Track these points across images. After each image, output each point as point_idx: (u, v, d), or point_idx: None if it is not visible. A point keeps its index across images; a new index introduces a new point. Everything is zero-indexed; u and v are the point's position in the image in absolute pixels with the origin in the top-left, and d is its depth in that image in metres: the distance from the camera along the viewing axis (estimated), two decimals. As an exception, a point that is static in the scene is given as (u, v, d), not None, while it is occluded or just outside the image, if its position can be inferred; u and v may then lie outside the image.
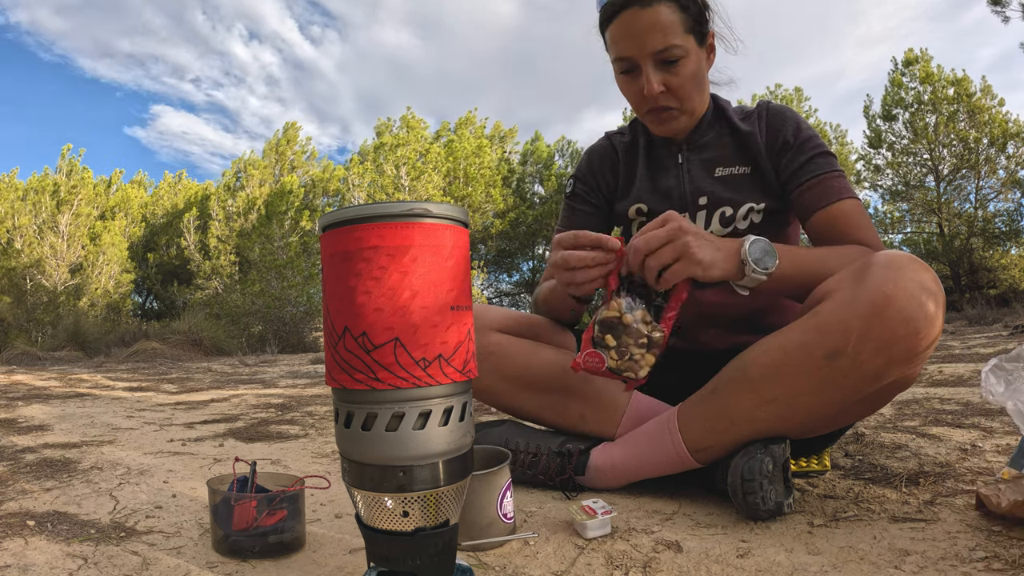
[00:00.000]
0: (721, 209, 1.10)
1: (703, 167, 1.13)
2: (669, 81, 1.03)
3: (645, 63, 1.02)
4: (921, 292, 0.78)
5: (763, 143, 1.10)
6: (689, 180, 1.13)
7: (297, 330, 10.38)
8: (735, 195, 1.10)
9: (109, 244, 13.44)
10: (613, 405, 1.06)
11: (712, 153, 1.13)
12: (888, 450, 1.24)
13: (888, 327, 0.78)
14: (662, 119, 1.09)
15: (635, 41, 1.01)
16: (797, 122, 1.10)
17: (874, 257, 0.83)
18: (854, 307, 0.80)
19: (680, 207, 1.13)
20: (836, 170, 1.06)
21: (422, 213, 0.56)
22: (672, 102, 1.06)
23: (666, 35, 0.99)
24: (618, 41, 1.04)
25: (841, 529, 0.82)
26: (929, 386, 2.17)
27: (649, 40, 1.00)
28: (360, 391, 0.56)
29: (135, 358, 7.12)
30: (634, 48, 1.02)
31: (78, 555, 0.82)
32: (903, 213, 13.22)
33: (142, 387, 3.50)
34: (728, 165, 1.12)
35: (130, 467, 1.34)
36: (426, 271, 0.56)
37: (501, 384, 1.10)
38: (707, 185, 1.12)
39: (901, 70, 12.77)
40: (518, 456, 1.08)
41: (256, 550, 0.80)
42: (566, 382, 1.07)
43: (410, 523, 0.58)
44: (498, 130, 16.51)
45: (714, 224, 1.11)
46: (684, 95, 1.05)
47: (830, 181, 1.04)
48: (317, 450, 1.53)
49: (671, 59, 1.01)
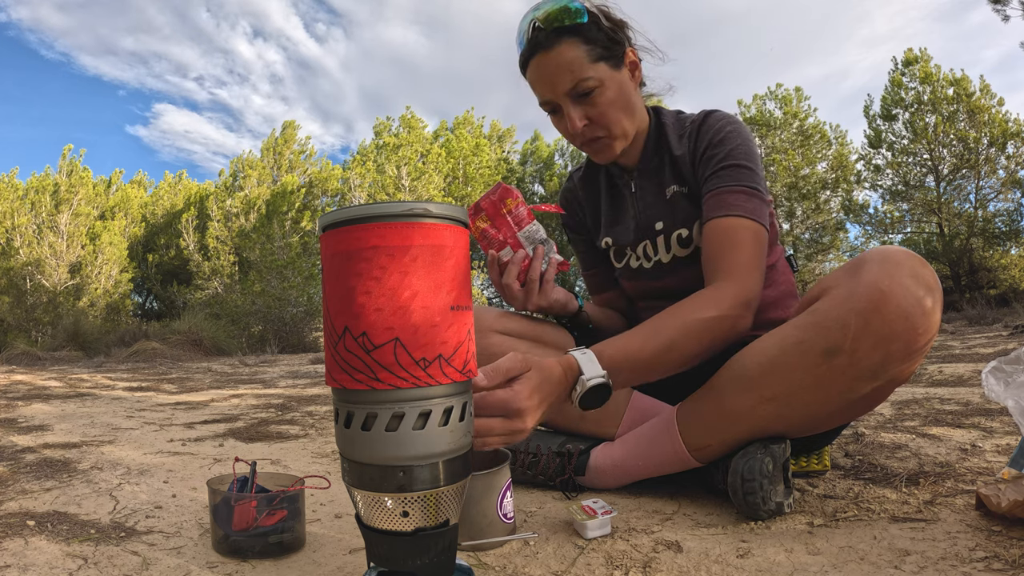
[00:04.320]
0: (677, 232, 1.09)
1: (655, 191, 1.12)
2: (590, 113, 1.03)
3: (563, 102, 1.03)
4: (919, 287, 0.78)
5: (690, 160, 1.08)
6: (643, 208, 1.13)
7: (297, 330, 10.38)
8: (689, 215, 1.08)
9: (108, 244, 13.44)
10: (613, 405, 1.06)
11: (661, 176, 1.12)
12: (888, 450, 1.24)
13: (886, 323, 0.78)
14: (596, 149, 1.09)
15: (547, 84, 1.03)
16: (721, 129, 1.05)
17: (870, 253, 0.83)
18: (851, 303, 0.80)
19: (640, 236, 1.14)
20: (741, 184, 0.99)
21: (422, 213, 0.56)
22: (599, 131, 1.06)
23: (573, 72, 1.00)
24: (535, 87, 1.06)
25: (841, 529, 0.82)
26: (929, 386, 2.17)
27: (558, 81, 1.01)
28: (360, 391, 0.56)
29: (135, 358, 7.12)
30: (548, 91, 1.03)
31: (78, 555, 0.82)
32: (903, 213, 13.21)
33: (142, 387, 3.50)
34: (675, 184, 1.10)
35: (130, 467, 1.34)
36: (426, 271, 0.56)
37: None
38: (660, 210, 1.11)
39: (901, 70, 12.77)
40: (518, 456, 1.09)
41: (256, 550, 0.80)
42: None
43: (410, 523, 0.58)
44: (496, 129, 16.52)
45: (674, 247, 1.10)
46: (609, 122, 1.04)
47: (725, 195, 0.99)
48: (317, 450, 1.53)
49: (585, 91, 1.01)
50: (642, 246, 1.14)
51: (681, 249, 1.10)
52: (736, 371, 0.92)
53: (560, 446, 1.07)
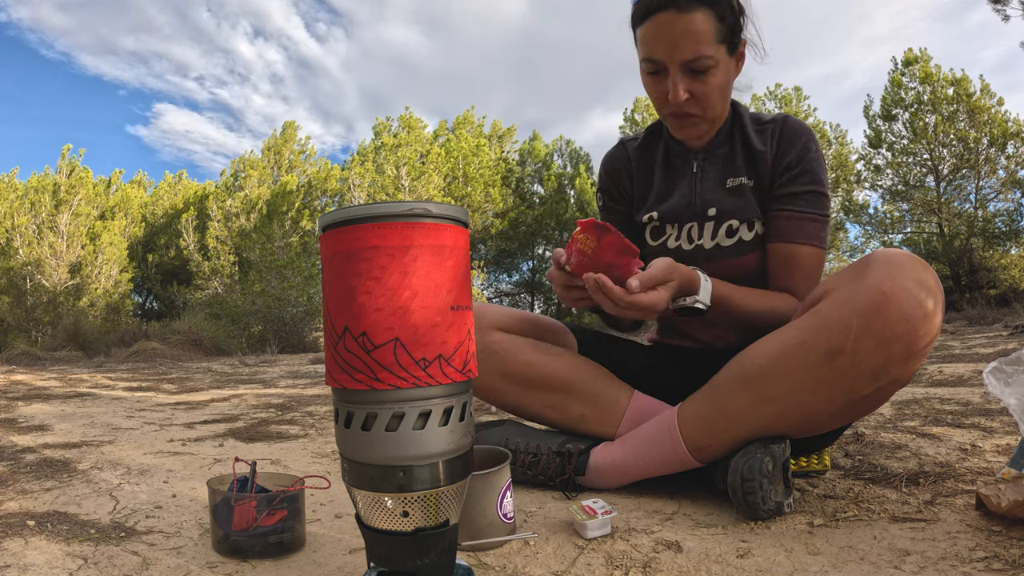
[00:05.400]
0: (728, 222, 1.10)
1: (716, 178, 1.12)
2: (695, 89, 1.01)
3: (673, 68, 1.00)
4: (920, 290, 0.78)
5: (770, 161, 1.09)
6: (701, 191, 1.13)
7: (297, 330, 10.37)
8: (743, 208, 1.09)
9: (108, 244, 13.44)
10: (613, 405, 1.06)
11: (725, 164, 1.12)
12: (888, 450, 1.24)
13: (887, 325, 0.78)
14: (683, 124, 1.07)
15: (666, 46, 0.98)
16: (808, 146, 1.08)
17: (873, 255, 0.83)
18: (853, 305, 0.80)
19: (689, 217, 1.13)
20: (820, 213, 1.06)
21: (422, 213, 0.56)
22: (695, 109, 1.04)
23: (699, 44, 0.97)
24: (649, 42, 1.01)
25: (841, 529, 0.82)
26: (929, 386, 2.17)
27: (681, 47, 0.97)
28: (360, 391, 0.56)
29: (135, 358, 7.12)
30: (664, 52, 0.99)
31: (78, 555, 0.82)
32: (903, 213, 13.21)
33: (142, 387, 3.50)
34: (738, 175, 1.11)
35: (130, 467, 1.34)
36: (426, 271, 0.56)
37: (502, 383, 1.10)
38: (717, 197, 1.11)
39: (901, 70, 12.77)
40: (518, 456, 1.08)
41: (256, 550, 0.80)
42: (567, 381, 1.07)
43: (410, 523, 0.58)
44: (496, 129, 16.51)
45: (720, 236, 1.11)
46: (708, 104, 1.04)
47: (806, 223, 1.05)
48: (317, 450, 1.53)
49: (701, 69, 0.99)
50: (688, 227, 1.14)
51: (727, 239, 1.10)
52: (737, 371, 0.92)
53: (560, 446, 1.07)
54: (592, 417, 1.07)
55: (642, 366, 1.18)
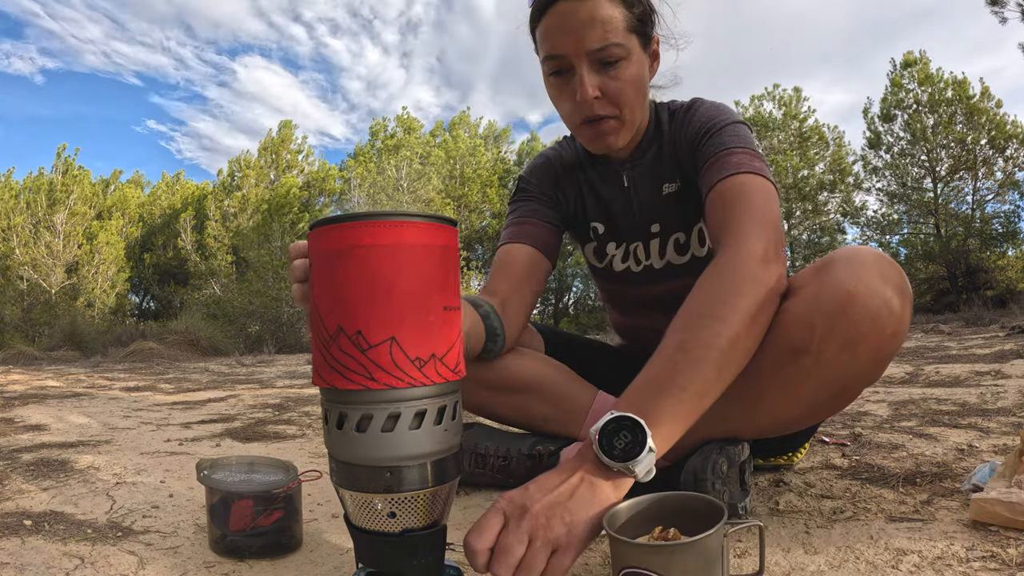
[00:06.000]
0: (675, 236, 1.03)
1: (650, 188, 1.03)
2: (607, 85, 0.90)
3: (580, 63, 0.89)
4: (886, 288, 0.74)
5: (687, 140, 0.98)
6: (638, 206, 1.04)
7: (294, 330, 10.36)
8: (686, 217, 1.02)
9: (105, 244, 13.42)
10: (576, 407, 1.02)
11: (656, 169, 1.03)
12: (885, 450, 1.24)
13: (852, 325, 0.74)
14: (599, 131, 0.95)
15: (570, 37, 0.88)
16: (715, 107, 0.97)
17: (837, 252, 0.78)
18: (817, 304, 0.75)
19: (631, 237, 1.07)
20: (739, 146, 0.90)
21: (414, 212, 0.57)
22: (609, 110, 0.92)
23: (606, 31, 0.87)
24: (550, 36, 0.90)
25: (838, 529, 0.82)
26: (926, 387, 2.17)
27: (586, 35, 0.87)
28: (354, 391, 0.56)
29: (132, 358, 7.11)
30: (568, 44, 0.88)
31: (75, 555, 0.81)
32: (900, 214, 13.24)
33: (139, 387, 3.49)
34: (672, 179, 1.01)
35: (127, 467, 1.34)
36: (419, 271, 0.56)
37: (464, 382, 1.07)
38: (657, 210, 1.04)
39: (900, 72, 12.80)
40: (488, 460, 1.06)
41: (253, 550, 0.80)
42: (530, 383, 1.03)
43: (398, 524, 0.58)
44: (492, 130, 16.55)
45: (670, 253, 1.04)
46: (623, 102, 0.92)
47: (726, 156, 0.89)
48: (314, 450, 1.52)
49: (610, 59, 0.89)
50: (633, 247, 1.08)
51: (678, 256, 1.05)
52: None
53: (530, 448, 1.04)
54: (555, 419, 1.03)
55: (609, 367, 1.15)
